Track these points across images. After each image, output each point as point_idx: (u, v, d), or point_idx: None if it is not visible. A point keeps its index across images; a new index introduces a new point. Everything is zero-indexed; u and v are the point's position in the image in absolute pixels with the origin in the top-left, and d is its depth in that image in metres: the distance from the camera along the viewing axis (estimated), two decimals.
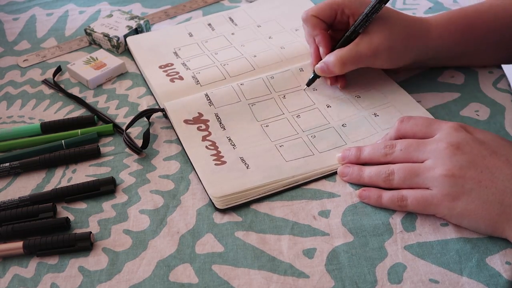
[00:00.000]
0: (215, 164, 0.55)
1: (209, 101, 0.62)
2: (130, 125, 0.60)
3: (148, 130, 0.59)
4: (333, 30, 0.62)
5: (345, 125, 0.59)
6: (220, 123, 0.60)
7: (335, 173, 0.55)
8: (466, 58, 0.64)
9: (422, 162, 0.49)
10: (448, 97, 0.61)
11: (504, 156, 0.47)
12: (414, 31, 0.59)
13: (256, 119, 0.60)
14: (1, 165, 0.58)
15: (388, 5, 0.58)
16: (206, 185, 0.53)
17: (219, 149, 0.57)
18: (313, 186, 0.54)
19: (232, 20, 0.76)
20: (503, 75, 0.63)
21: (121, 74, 0.70)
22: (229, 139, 0.58)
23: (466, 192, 0.46)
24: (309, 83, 0.63)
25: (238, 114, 0.61)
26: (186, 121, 0.60)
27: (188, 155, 0.57)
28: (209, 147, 0.57)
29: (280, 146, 0.57)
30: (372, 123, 0.58)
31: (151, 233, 0.51)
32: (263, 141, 0.58)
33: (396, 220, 0.50)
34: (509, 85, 0.62)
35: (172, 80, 0.66)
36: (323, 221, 0.51)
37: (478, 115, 0.59)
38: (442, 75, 0.64)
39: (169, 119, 0.61)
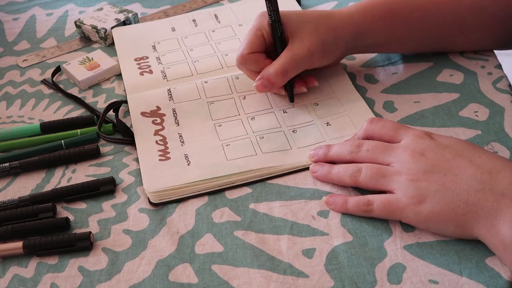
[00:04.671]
0: (159, 160, 0.56)
1: (169, 96, 0.63)
2: (101, 123, 0.61)
3: (118, 119, 0.61)
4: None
5: (295, 131, 0.59)
6: (176, 118, 0.61)
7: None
8: (394, 45, 0.65)
9: (386, 165, 0.50)
10: (447, 97, 0.61)
11: (467, 157, 0.47)
12: (337, 21, 0.60)
13: (211, 117, 0.61)
14: (1, 165, 0.58)
15: None
16: (144, 179, 0.54)
17: (167, 145, 0.58)
18: (312, 185, 0.54)
19: (216, 17, 0.77)
20: (503, 76, 0.63)
21: (120, 74, 0.70)
22: (180, 136, 0.59)
23: (430, 195, 0.46)
24: (291, 99, 0.61)
25: (195, 111, 0.62)
26: (143, 114, 0.62)
27: (136, 147, 0.58)
28: (158, 142, 0.58)
29: (227, 145, 0.57)
30: (322, 131, 0.58)
31: (151, 233, 0.51)
32: (212, 140, 0.58)
33: (395, 220, 0.50)
34: (509, 85, 0.62)
35: (141, 74, 0.68)
36: (322, 221, 0.51)
37: (477, 116, 0.59)
38: (441, 75, 0.64)
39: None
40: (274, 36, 0.59)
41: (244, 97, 0.63)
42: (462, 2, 0.62)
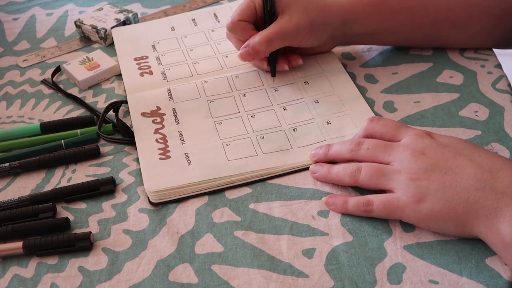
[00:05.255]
0: (160, 159, 0.56)
1: (169, 95, 0.63)
2: (101, 123, 0.61)
3: (118, 119, 0.61)
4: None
5: (295, 130, 0.59)
6: (176, 117, 0.61)
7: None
8: (383, 36, 0.65)
9: (386, 164, 0.50)
10: (447, 97, 0.62)
11: (467, 156, 0.47)
12: (328, 4, 0.61)
13: (211, 115, 0.61)
14: (1, 165, 0.58)
15: None
16: (144, 179, 0.54)
17: (167, 143, 0.58)
18: (312, 185, 0.54)
19: (216, 17, 0.77)
20: (503, 76, 0.63)
21: (120, 74, 0.70)
22: (180, 134, 0.59)
23: (431, 194, 0.46)
24: (272, 73, 0.63)
25: (195, 109, 0.62)
26: (143, 114, 0.62)
27: (137, 147, 0.58)
28: (159, 140, 0.58)
29: (227, 145, 0.57)
30: (323, 130, 0.58)
31: (151, 233, 0.51)
32: (212, 138, 0.58)
33: (395, 220, 0.50)
34: (509, 85, 0.62)
35: (141, 74, 0.68)
36: (322, 221, 0.51)
37: (477, 116, 0.59)
38: (441, 75, 0.64)
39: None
40: (264, 10, 0.60)
41: (244, 94, 0.63)
42: None
